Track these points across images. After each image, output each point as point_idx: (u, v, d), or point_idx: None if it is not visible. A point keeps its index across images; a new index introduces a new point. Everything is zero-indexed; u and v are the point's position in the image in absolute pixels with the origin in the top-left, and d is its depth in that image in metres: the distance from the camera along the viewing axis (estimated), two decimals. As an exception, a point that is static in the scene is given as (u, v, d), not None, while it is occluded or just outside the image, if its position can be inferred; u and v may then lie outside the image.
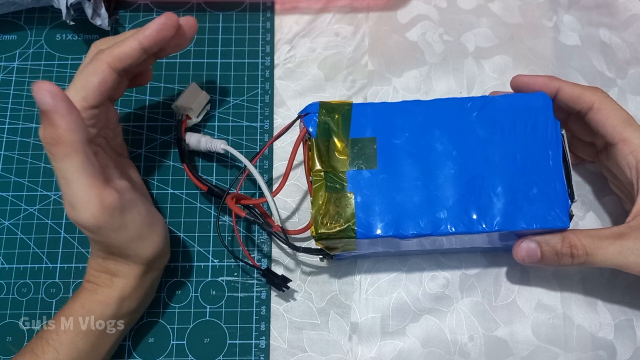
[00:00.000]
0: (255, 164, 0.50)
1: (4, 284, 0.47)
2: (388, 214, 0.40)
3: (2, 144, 0.51)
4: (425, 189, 0.41)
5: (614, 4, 0.56)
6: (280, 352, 0.46)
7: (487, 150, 0.41)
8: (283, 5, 0.55)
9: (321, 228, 0.40)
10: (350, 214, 0.40)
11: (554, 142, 0.41)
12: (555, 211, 0.40)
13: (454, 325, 0.46)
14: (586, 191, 0.50)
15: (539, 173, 0.41)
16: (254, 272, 0.48)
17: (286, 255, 0.48)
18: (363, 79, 0.53)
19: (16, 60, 0.54)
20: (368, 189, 0.41)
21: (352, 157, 0.41)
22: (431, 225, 0.40)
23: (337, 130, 0.42)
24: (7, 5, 0.53)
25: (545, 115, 0.42)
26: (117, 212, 0.38)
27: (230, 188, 0.45)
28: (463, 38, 0.54)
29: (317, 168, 0.41)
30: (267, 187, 0.44)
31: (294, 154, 0.42)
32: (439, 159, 0.41)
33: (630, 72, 0.53)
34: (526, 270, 0.48)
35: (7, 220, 0.49)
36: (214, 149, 0.48)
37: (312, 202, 0.40)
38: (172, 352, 0.46)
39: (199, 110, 0.50)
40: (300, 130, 0.43)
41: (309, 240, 0.49)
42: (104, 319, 0.41)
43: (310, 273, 0.48)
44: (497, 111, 0.42)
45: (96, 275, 0.41)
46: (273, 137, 0.44)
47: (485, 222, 0.40)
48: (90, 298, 0.41)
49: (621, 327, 0.46)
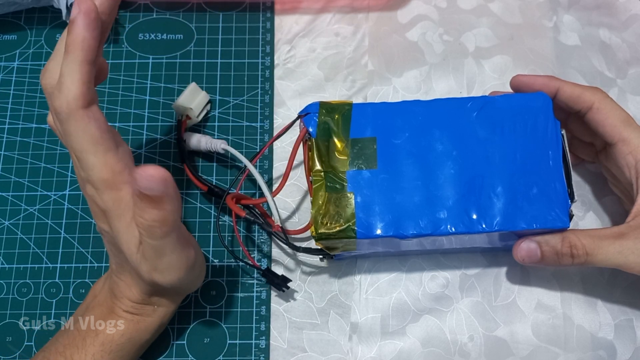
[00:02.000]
0: (256, 163, 0.50)
1: (4, 284, 0.47)
2: (388, 214, 0.40)
3: (2, 144, 0.51)
4: (425, 189, 0.41)
5: (614, 4, 0.56)
6: (280, 352, 0.46)
7: (487, 150, 0.41)
8: (283, 5, 0.55)
9: (321, 228, 0.40)
10: (350, 214, 0.40)
11: (554, 142, 0.41)
12: (555, 211, 0.40)
13: (454, 325, 0.46)
14: (586, 191, 0.50)
15: (539, 173, 0.41)
16: (254, 272, 0.48)
17: (286, 255, 0.48)
18: (363, 79, 0.53)
19: (16, 60, 0.54)
20: (368, 189, 0.41)
21: (352, 157, 0.41)
22: (431, 225, 0.40)
23: (337, 130, 0.42)
24: (7, 5, 0.53)
25: (545, 115, 0.42)
26: (192, 267, 0.38)
27: (230, 188, 0.45)
28: (463, 38, 0.54)
29: (317, 168, 0.41)
30: (267, 187, 0.43)
31: (294, 154, 0.42)
32: (439, 159, 0.41)
33: (630, 72, 0.53)
34: (526, 270, 0.48)
35: (7, 220, 0.49)
36: (214, 148, 0.48)
37: (312, 202, 0.40)
38: (172, 352, 0.46)
39: (199, 110, 0.50)
40: (300, 130, 0.43)
41: (309, 240, 0.49)
42: (141, 344, 0.42)
43: (310, 273, 0.48)
44: (497, 111, 0.42)
45: (138, 308, 0.41)
46: (273, 137, 0.44)
47: (485, 222, 0.40)
48: (131, 327, 0.41)
49: (621, 327, 0.46)
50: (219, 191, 0.47)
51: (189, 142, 0.49)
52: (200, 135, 0.49)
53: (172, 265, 0.36)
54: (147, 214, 0.33)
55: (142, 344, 0.42)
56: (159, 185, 0.32)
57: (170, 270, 0.37)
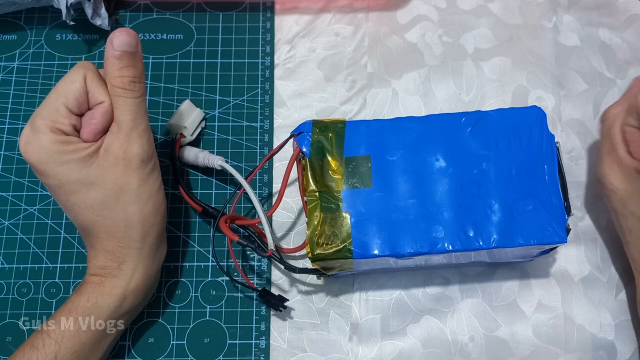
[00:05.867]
0: (254, 177, 0.50)
1: (4, 284, 0.47)
2: (384, 233, 0.40)
3: (2, 144, 0.51)
4: (421, 206, 0.40)
5: (614, 4, 0.56)
6: (280, 352, 0.46)
7: (482, 166, 0.41)
8: (283, 5, 0.55)
9: (317, 249, 0.40)
10: (346, 234, 0.40)
11: (549, 156, 0.41)
12: (552, 226, 0.40)
13: (455, 325, 0.46)
14: (585, 191, 0.50)
15: (535, 188, 0.40)
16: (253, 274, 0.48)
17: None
18: (363, 80, 0.53)
19: (16, 60, 0.53)
20: (363, 208, 0.40)
21: (346, 176, 0.41)
22: (428, 244, 0.40)
23: (330, 149, 0.41)
24: (7, 5, 0.53)
25: (540, 129, 0.42)
26: (155, 160, 0.42)
27: (223, 210, 0.45)
28: (462, 39, 0.54)
29: (312, 188, 0.41)
30: (262, 208, 0.43)
31: (287, 174, 0.42)
32: (434, 176, 0.41)
33: (630, 72, 0.53)
34: (526, 270, 0.48)
35: (7, 220, 0.49)
36: (211, 165, 0.47)
37: (308, 223, 0.40)
38: (172, 352, 0.46)
39: (193, 128, 0.49)
40: (293, 150, 0.42)
41: (306, 258, 0.48)
42: (108, 313, 0.41)
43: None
44: (492, 126, 0.42)
45: (102, 267, 0.41)
46: (267, 156, 0.44)
47: (482, 239, 0.40)
48: (96, 290, 0.41)
49: (621, 327, 0.46)
50: (213, 211, 0.47)
51: (186, 157, 0.48)
52: (198, 150, 0.48)
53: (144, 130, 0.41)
54: (126, 71, 0.39)
55: (109, 313, 0.41)
56: (134, 41, 0.39)
57: (143, 136, 0.41)
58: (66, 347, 0.39)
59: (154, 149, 0.42)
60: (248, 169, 0.50)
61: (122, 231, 0.41)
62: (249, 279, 0.47)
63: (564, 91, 0.52)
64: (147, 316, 0.46)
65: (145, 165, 0.41)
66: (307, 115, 0.52)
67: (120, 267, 0.41)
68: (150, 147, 0.41)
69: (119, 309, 0.42)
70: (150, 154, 0.41)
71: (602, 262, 0.48)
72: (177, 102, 0.52)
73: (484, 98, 0.52)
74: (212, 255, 0.48)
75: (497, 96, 0.52)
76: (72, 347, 0.40)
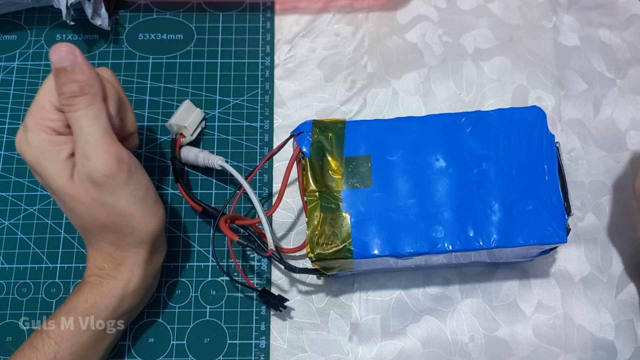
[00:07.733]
0: (254, 177, 0.50)
1: (4, 284, 0.47)
2: (384, 233, 0.40)
3: (2, 144, 0.51)
4: (421, 206, 0.40)
5: (614, 4, 0.56)
6: (280, 352, 0.46)
7: (482, 166, 0.41)
8: (283, 5, 0.55)
9: (317, 249, 0.40)
10: (346, 234, 0.40)
11: (549, 156, 0.41)
12: (552, 226, 0.40)
13: (455, 325, 0.46)
14: (585, 191, 0.50)
15: (535, 188, 0.40)
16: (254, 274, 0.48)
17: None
18: (363, 80, 0.53)
19: (16, 60, 0.53)
20: (363, 208, 0.40)
21: (346, 176, 0.41)
22: (428, 244, 0.40)
23: (330, 149, 0.41)
24: (7, 5, 0.53)
25: (540, 129, 0.41)
26: (127, 167, 0.39)
27: (223, 210, 0.45)
28: (462, 39, 0.54)
29: (312, 188, 0.41)
30: (262, 208, 0.43)
31: (287, 174, 0.42)
32: (434, 176, 0.41)
33: (630, 72, 0.53)
34: (526, 270, 0.48)
35: (7, 220, 0.49)
36: (211, 165, 0.47)
37: (308, 223, 0.40)
38: (172, 352, 0.46)
39: (193, 128, 0.49)
40: (293, 150, 0.42)
41: (306, 257, 0.48)
42: (106, 313, 0.41)
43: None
44: (491, 126, 0.42)
45: (100, 267, 0.41)
46: (267, 156, 0.44)
47: (482, 239, 0.40)
48: (94, 291, 0.41)
49: (622, 327, 0.46)
50: (213, 211, 0.47)
51: (186, 157, 0.48)
52: (198, 150, 0.48)
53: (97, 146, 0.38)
54: (64, 88, 0.38)
55: (108, 313, 0.41)
56: (68, 55, 0.37)
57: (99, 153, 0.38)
58: (66, 347, 0.39)
59: (124, 156, 0.39)
60: (248, 169, 0.50)
61: (118, 233, 0.41)
62: (249, 279, 0.47)
63: (564, 91, 0.52)
64: (147, 316, 0.46)
65: (115, 176, 0.38)
66: (307, 115, 0.52)
67: (118, 269, 0.41)
68: (114, 158, 0.38)
69: (118, 309, 0.42)
70: (113, 167, 0.38)
71: (602, 262, 0.48)
72: (177, 102, 0.52)
73: (484, 98, 0.52)
74: (212, 255, 0.48)
75: (497, 96, 0.52)
76: (71, 347, 0.40)
